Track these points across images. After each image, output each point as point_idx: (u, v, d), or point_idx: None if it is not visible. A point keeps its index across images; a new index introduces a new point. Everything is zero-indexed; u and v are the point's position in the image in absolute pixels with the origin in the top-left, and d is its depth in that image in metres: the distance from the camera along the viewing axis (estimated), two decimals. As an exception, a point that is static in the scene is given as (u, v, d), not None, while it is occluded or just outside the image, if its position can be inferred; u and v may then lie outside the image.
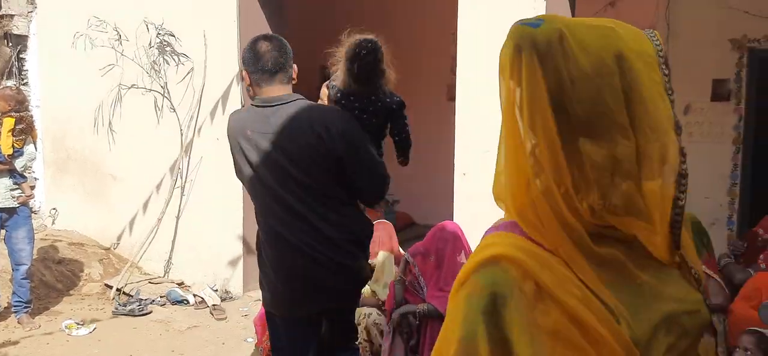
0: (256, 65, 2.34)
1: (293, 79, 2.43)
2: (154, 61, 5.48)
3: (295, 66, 2.43)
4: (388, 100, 2.40)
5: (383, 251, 3.43)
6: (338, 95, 2.40)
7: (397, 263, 3.27)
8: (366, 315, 3.18)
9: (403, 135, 2.48)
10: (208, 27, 5.18)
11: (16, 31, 6.95)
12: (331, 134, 2.26)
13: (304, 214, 2.28)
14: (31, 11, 6.82)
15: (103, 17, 5.60)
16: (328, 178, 2.30)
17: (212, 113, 5.33)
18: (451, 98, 7.32)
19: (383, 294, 3.22)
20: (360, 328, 3.18)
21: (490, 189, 0.97)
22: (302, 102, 2.36)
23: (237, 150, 2.38)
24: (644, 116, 0.86)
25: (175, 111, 5.45)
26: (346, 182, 2.33)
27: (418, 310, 2.93)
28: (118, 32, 5.57)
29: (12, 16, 6.93)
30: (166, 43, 5.40)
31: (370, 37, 2.37)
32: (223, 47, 5.17)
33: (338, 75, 2.43)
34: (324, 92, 2.53)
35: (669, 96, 0.89)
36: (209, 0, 5.22)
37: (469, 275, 0.89)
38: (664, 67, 0.89)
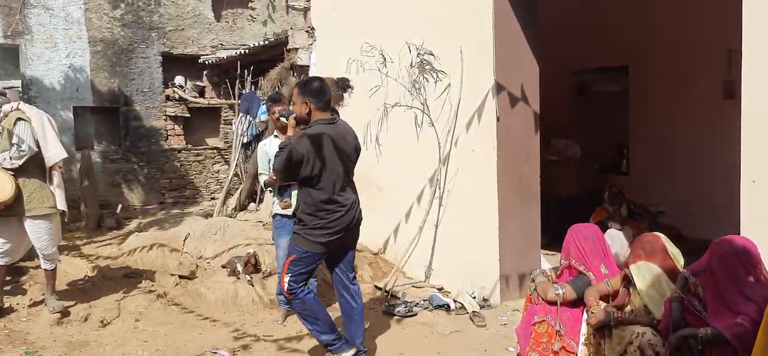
0: (319, 98, 3.78)
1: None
2: (414, 79, 5.88)
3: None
4: None
5: (650, 263, 3.19)
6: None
7: (673, 279, 3.02)
8: (640, 335, 2.97)
9: None
10: (464, 44, 5.39)
11: (299, 62, 8.05)
12: (357, 139, 4.04)
13: (350, 186, 3.93)
14: (312, 44, 7.82)
15: (372, 43, 6.19)
16: (354, 164, 3.99)
17: (467, 126, 5.52)
18: (729, 95, 6.51)
19: (657, 312, 2.99)
20: (632, 348, 3.00)
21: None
22: (343, 120, 3.97)
23: (316, 153, 3.68)
24: None
25: (433, 125, 5.77)
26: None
27: (700, 334, 2.67)
28: (384, 55, 6.11)
29: (297, 49, 8.03)
30: (425, 62, 5.76)
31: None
32: (477, 62, 5.32)
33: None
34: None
35: None
36: (465, 18, 5.42)
37: None
38: None
